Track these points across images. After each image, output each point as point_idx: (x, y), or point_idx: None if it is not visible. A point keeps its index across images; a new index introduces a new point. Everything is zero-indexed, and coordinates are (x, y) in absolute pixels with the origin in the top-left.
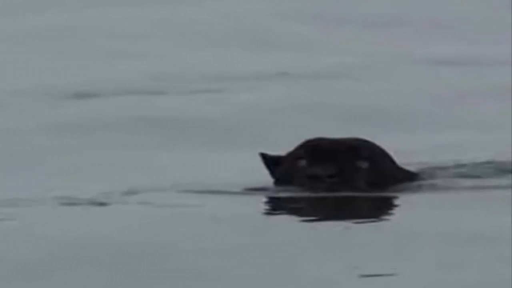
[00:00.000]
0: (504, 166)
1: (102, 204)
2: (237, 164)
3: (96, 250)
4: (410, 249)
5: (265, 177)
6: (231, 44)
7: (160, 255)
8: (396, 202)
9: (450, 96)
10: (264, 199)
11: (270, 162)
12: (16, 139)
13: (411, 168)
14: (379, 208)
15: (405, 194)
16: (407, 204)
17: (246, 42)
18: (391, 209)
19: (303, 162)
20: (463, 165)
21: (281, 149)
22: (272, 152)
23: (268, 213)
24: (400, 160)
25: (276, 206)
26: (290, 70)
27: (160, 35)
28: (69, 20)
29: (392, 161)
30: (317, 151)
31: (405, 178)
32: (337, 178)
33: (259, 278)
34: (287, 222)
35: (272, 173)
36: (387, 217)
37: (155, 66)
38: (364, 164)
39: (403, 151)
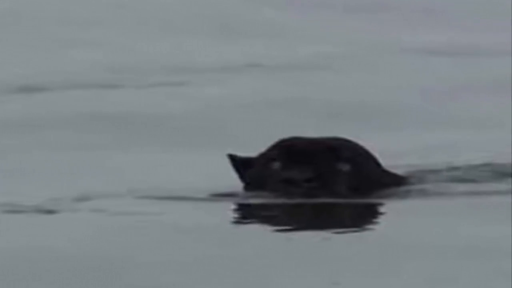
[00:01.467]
0: (503, 169)
1: (50, 211)
2: (202, 166)
3: (43, 263)
4: (397, 262)
5: (233, 181)
6: (196, 32)
7: (115, 269)
8: (382, 209)
9: (443, 90)
10: (233, 206)
11: (240, 164)
12: None
13: (399, 172)
14: (362, 217)
15: (391, 200)
16: (394, 212)
17: (212, 29)
18: (375, 217)
19: (276, 165)
20: (457, 168)
21: (252, 150)
22: (242, 153)
23: (237, 222)
24: (386, 162)
25: (246, 214)
26: (262, 61)
27: (116, 22)
28: (13, 3)
29: (377, 164)
30: (292, 152)
31: (392, 183)
32: (315, 183)
33: None
34: (259, 232)
35: (242, 176)
36: (371, 226)
37: (110, 56)
38: (345, 167)
39: (390, 152)
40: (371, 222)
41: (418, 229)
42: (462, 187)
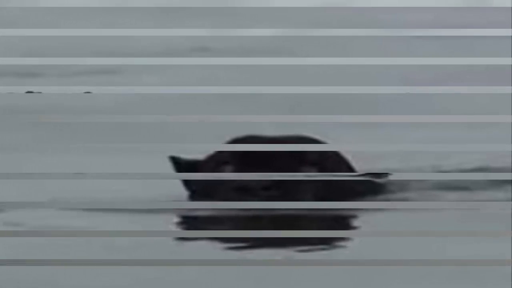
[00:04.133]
0: (501, 174)
1: None
2: (138, 171)
3: None
4: (373, 286)
5: (176, 189)
6: (130, 9)
7: None
8: (355, 223)
9: (427, 77)
10: (176, 220)
11: (184, 168)
12: None
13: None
14: (332, 231)
15: (367, 212)
16: (370, 226)
17: (150, 7)
18: (347, 232)
19: (228, 169)
20: (446, 173)
21: (199, 151)
22: (186, 155)
23: (181, 238)
24: (361, 166)
25: (192, 228)
26: (209, 44)
27: None
28: None
29: (350, 168)
30: (247, 154)
31: (367, 191)
32: (274, 191)
33: None
34: (207, 250)
35: (187, 183)
36: (342, 243)
37: (26, 38)
38: (311, 172)
39: (365, 153)
40: (342, 239)
41: (399, 246)
42: (451, 195)
